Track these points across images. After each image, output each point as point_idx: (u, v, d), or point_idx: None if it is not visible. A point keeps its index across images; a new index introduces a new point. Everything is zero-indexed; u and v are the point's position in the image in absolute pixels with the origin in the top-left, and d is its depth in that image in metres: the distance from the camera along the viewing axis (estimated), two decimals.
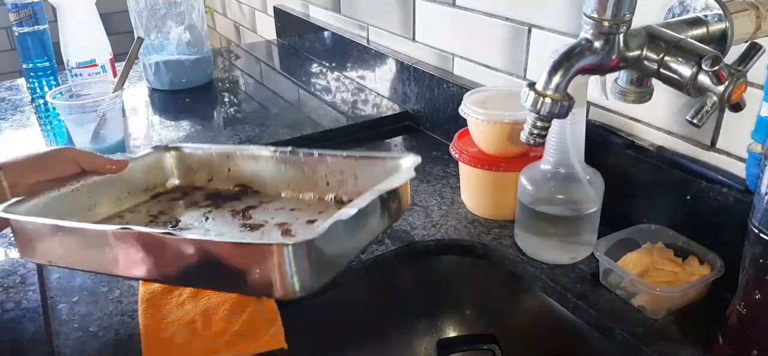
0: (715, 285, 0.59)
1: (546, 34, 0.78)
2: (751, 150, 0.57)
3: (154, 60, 1.23)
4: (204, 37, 1.26)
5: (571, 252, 0.66)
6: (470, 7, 0.90)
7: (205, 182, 0.75)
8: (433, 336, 0.76)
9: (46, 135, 1.04)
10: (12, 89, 1.26)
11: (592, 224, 0.66)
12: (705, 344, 0.55)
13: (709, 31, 0.52)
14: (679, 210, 0.64)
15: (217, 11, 2.18)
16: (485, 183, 0.74)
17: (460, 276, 0.73)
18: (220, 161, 0.73)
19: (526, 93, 0.47)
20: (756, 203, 0.47)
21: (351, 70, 1.25)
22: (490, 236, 0.72)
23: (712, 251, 0.60)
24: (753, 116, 0.57)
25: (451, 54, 0.97)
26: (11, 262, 0.70)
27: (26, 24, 1.13)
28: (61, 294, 0.64)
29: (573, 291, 0.62)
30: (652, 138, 0.68)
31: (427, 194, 0.82)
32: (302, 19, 1.43)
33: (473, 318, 0.75)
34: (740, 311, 0.50)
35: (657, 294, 0.57)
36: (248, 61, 1.48)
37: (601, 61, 0.48)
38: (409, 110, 1.07)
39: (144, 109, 1.17)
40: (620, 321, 0.58)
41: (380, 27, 1.14)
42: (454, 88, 0.94)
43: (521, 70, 0.84)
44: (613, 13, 0.46)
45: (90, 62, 1.10)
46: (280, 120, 1.05)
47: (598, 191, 0.64)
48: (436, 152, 0.95)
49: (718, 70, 0.44)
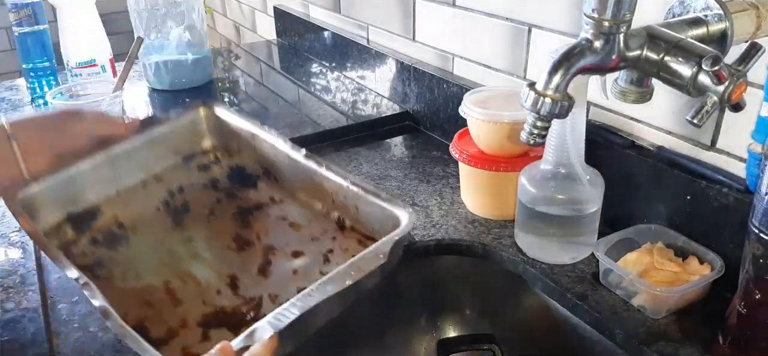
0: (715, 285, 0.59)
1: (546, 34, 0.78)
2: (751, 150, 0.57)
3: (154, 60, 1.23)
4: (204, 37, 1.26)
5: (571, 252, 0.66)
6: (470, 7, 0.90)
7: (235, 149, 0.73)
8: (433, 336, 0.76)
9: None
10: (12, 89, 1.26)
11: (592, 224, 0.66)
12: (705, 344, 0.55)
13: (709, 31, 0.52)
14: (679, 210, 0.64)
15: (217, 11, 2.18)
16: (485, 183, 0.74)
17: (460, 276, 0.73)
18: (247, 138, 0.71)
19: (526, 93, 0.47)
20: (756, 203, 0.47)
21: (351, 70, 1.25)
22: (490, 236, 0.72)
23: (712, 251, 0.60)
24: (753, 116, 0.57)
25: (451, 54, 0.97)
26: (11, 262, 0.70)
27: (26, 24, 1.13)
28: (61, 294, 0.64)
29: (573, 291, 0.62)
30: (652, 138, 0.68)
31: (427, 194, 0.82)
32: (302, 19, 1.43)
33: (473, 318, 0.75)
34: (740, 311, 0.50)
35: (657, 294, 0.57)
36: (248, 61, 1.48)
37: (601, 61, 0.48)
38: (409, 110, 1.07)
39: (144, 109, 1.17)
40: (620, 321, 0.58)
41: (380, 27, 1.14)
42: (454, 88, 0.94)
43: (521, 70, 0.84)
44: (613, 13, 0.46)
45: (90, 62, 1.10)
46: (280, 120, 1.05)
47: (598, 191, 0.64)
48: (436, 152, 0.95)
49: (718, 70, 0.44)
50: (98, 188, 0.65)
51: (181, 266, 0.61)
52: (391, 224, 0.57)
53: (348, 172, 0.64)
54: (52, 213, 0.61)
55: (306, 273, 0.60)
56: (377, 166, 0.91)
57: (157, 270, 0.60)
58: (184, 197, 0.68)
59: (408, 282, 0.73)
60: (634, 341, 0.56)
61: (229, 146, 0.74)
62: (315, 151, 0.95)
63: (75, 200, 0.63)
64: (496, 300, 0.73)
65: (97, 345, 0.57)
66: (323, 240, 0.63)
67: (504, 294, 0.72)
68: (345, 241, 0.62)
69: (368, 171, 0.89)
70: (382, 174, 0.88)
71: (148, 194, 0.68)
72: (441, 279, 0.74)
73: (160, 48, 1.24)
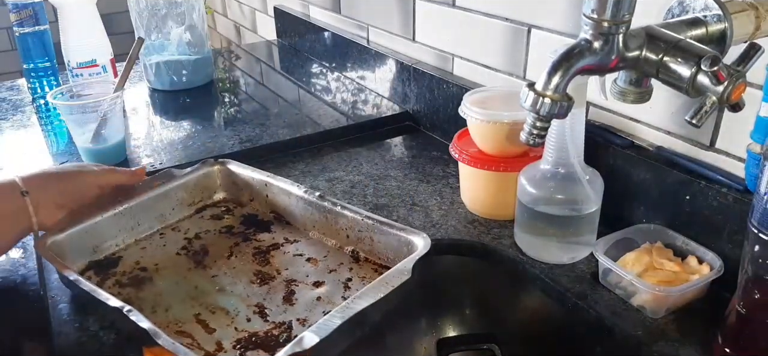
0: (714, 284, 0.59)
1: (546, 35, 0.78)
2: (751, 150, 0.57)
3: (155, 60, 1.23)
4: (204, 38, 1.26)
5: (571, 252, 0.66)
6: (470, 8, 0.90)
7: (247, 200, 0.79)
8: (433, 336, 0.76)
9: (47, 135, 1.04)
10: (13, 89, 1.26)
11: (592, 224, 0.66)
12: (704, 344, 0.55)
13: (709, 31, 0.52)
14: (679, 210, 0.64)
15: (217, 11, 2.18)
16: (485, 183, 0.74)
17: (460, 275, 0.73)
18: (259, 187, 0.77)
19: (525, 93, 0.47)
20: (755, 203, 0.47)
21: (351, 70, 1.25)
22: (490, 236, 0.72)
23: (711, 251, 0.60)
24: (752, 116, 0.57)
25: (451, 54, 0.97)
26: (11, 262, 0.70)
27: (27, 24, 1.13)
28: (61, 294, 0.64)
29: (573, 290, 0.62)
30: (651, 138, 0.69)
31: (427, 194, 0.82)
32: (302, 20, 1.43)
33: (473, 318, 0.76)
34: (739, 311, 0.50)
35: (656, 294, 0.57)
36: (248, 61, 1.48)
37: (601, 61, 0.48)
38: (409, 110, 1.07)
39: (144, 109, 1.17)
40: (620, 320, 0.58)
41: (380, 27, 1.14)
42: (453, 88, 0.94)
43: (521, 70, 0.84)
44: (613, 13, 0.46)
45: (91, 62, 1.10)
46: (280, 120, 1.05)
47: (598, 191, 0.64)
48: (436, 152, 0.95)
49: (717, 71, 0.44)
50: (117, 238, 0.71)
51: (208, 299, 0.63)
52: (405, 249, 0.64)
53: (360, 207, 0.70)
54: (76, 262, 0.67)
55: (329, 299, 0.63)
56: (377, 166, 0.91)
57: (186, 303, 0.62)
58: (201, 242, 0.73)
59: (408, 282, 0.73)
60: (634, 341, 0.56)
61: (240, 197, 0.80)
62: (315, 151, 0.96)
63: (96, 250, 0.69)
64: (496, 300, 0.73)
65: (96, 345, 0.57)
66: (341, 271, 0.67)
67: (504, 294, 0.72)
68: (361, 271, 0.67)
69: (368, 171, 0.89)
70: (382, 174, 0.88)
71: (166, 241, 0.73)
72: (441, 279, 0.74)
73: (160, 48, 1.24)
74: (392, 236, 0.65)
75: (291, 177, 0.81)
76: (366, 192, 0.83)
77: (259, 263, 0.68)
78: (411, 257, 0.60)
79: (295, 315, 0.60)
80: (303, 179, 0.86)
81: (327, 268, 0.67)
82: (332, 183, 0.86)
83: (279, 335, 0.57)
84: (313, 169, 0.90)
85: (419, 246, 0.62)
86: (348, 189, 0.84)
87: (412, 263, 0.59)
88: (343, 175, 0.88)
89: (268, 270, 0.67)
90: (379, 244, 0.67)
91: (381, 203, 0.80)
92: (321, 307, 0.61)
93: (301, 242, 0.72)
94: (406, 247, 0.64)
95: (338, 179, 0.87)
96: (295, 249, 0.71)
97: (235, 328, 0.58)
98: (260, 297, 0.63)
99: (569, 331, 0.63)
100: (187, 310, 0.61)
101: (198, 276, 0.66)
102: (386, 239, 0.66)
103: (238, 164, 0.79)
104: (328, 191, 0.83)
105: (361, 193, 0.83)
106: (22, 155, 0.96)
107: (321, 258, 0.69)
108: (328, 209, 0.70)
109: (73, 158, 0.92)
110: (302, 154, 0.95)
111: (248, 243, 0.72)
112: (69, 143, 0.96)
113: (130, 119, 1.11)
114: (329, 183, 0.86)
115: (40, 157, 0.95)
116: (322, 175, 0.88)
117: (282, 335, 0.57)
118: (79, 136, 0.88)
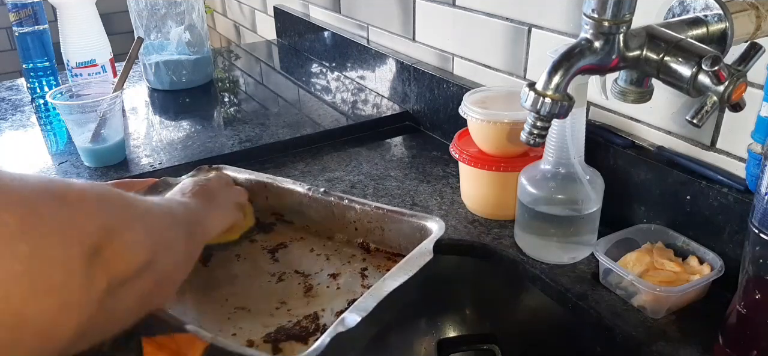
0: (715, 285, 0.59)
1: (546, 34, 0.78)
2: (751, 150, 0.57)
3: (154, 60, 1.23)
4: (204, 37, 1.26)
5: (571, 252, 0.66)
6: (470, 7, 0.90)
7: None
8: (433, 336, 0.76)
9: (46, 135, 1.04)
10: (12, 89, 1.26)
11: (592, 224, 0.66)
12: (705, 344, 0.54)
13: (709, 31, 0.52)
14: (679, 210, 0.64)
15: (217, 11, 2.18)
16: (485, 183, 0.74)
17: (460, 275, 0.73)
18: (258, 189, 0.75)
19: (526, 93, 0.47)
20: (756, 203, 0.47)
21: (351, 70, 1.25)
22: (490, 236, 0.72)
23: (711, 251, 0.60)
24: (753, 116, 0.57)
25: (451, 54, 0.97)
26: None
27: (26, 24, 1.13)
28: None
29: (573, 291, 0.62)
30: (652, 138, 0.68)
31: (427, 194, 0.82)
32: (302, 19, 1.43)
33: (473, 318, 0.75)
34: (740, 311, 0.50)
35: (657, 294, 0.57)
36: (248, 61, 1.48)
37: (601, 61, 0.48)
38: (409, 110, 1.07)
39: (144, 109, 1.17)
40: (620, 321, 0.58)
41: (380, 27, 1.14)
42: (454, 88, 0.94)
43: (521, 70, 0.84)
44: (613, 13, 0.46)
45: (90, 62, 1.10)
46: (280, 120, 1.05)
47: (598, 191, 0.64)
48: (436, 152, 0.95)
49: (718, 70, 0.44)
50: None
51: (227, 300, 0.62)
52: (418, 235, 0.63)
53: (366, 199, 0.69)
54: None
55: (349, 288, 0.63)
56: (377, 166, 0.91)
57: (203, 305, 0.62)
58: (206, 250, 0.70)
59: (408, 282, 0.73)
60: (634, 341, 0.56)
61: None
62: (315, 151, 0.96)
63: None
64: (496, 300, 0.73)
65: None
66: (354, 263, 0.67)
67: (504, 294, 0.72)
68: (374, 260, 0.67)
69: (368, 171, 0.89)
70: (382, 174, 0.88)
71: None
72: (441, 279, 0.74)
73: (160, 48, 1.24)
74: (404, 224, 0.65)
75: (291, 177, 0.81)
76: (366, 192, 0.83)
77: (270, 262, 0.68)
78: (430, 238, 0.60)
79: (319, 306, 0.60)
80: (303, 179, 0.86)
81: (340, 260, 0.67)
82: (332, 183, 0.86)
83: (308, 325, 0.57)
84: (313, 169, 0.90)
85: (434, 229, 0.62)
86: (348, 189, 0.84)
87: (432, 244, 0.59)
88: (343, 175, 0.88)
89: (281, 267, 0.67)
90: (390, 233, 0.66)
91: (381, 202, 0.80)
92: (343, 296, 0.61)
93: (307, 239, 0.71)
94: (419, 232, 0.63)
95: (338, 179, 0.87)
96: (303, 246, 0.70)
97: (262, 324, 0.58)
98: (280, 294, 0.62)
99: (570, 331, 0.63)
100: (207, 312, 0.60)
101: (211, 279, 0.66)
102: (398, 226, 0.65)
103: (233, 168, 0.76)
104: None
105: (361, 193, 0.83)
106: (22, 155, 0.96)
107: (331, 253, 0.68)
108: (334, 204, 0.69)
109: (73, 157, 0.92)
110: (302, 154, 0.95)
111: (254, 244, 0.71)
112: (68, 142, 0.96)
113: (129, 118, 1.11)
114: (329, 183, 0.86)
115: (40, 157, 0.95)
116: (322, 175, 0.88)
117: (311, 325, 0.57)
118: (78, 136, 0.88)
